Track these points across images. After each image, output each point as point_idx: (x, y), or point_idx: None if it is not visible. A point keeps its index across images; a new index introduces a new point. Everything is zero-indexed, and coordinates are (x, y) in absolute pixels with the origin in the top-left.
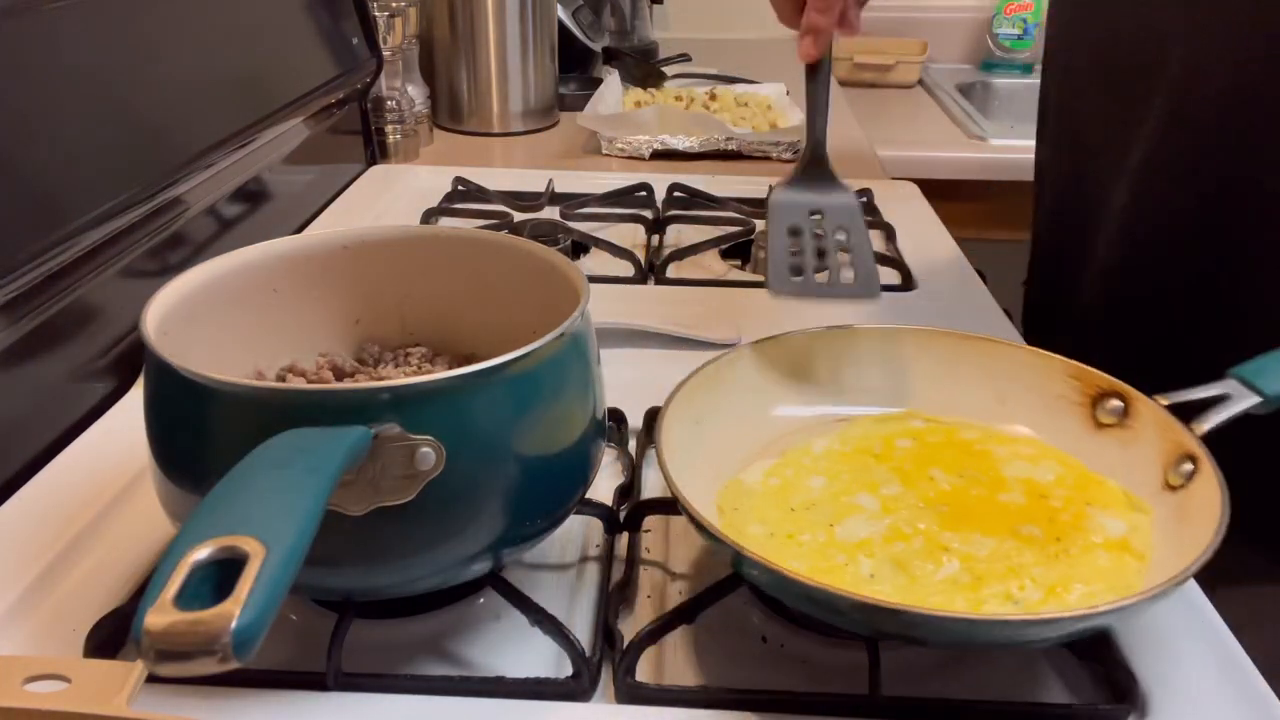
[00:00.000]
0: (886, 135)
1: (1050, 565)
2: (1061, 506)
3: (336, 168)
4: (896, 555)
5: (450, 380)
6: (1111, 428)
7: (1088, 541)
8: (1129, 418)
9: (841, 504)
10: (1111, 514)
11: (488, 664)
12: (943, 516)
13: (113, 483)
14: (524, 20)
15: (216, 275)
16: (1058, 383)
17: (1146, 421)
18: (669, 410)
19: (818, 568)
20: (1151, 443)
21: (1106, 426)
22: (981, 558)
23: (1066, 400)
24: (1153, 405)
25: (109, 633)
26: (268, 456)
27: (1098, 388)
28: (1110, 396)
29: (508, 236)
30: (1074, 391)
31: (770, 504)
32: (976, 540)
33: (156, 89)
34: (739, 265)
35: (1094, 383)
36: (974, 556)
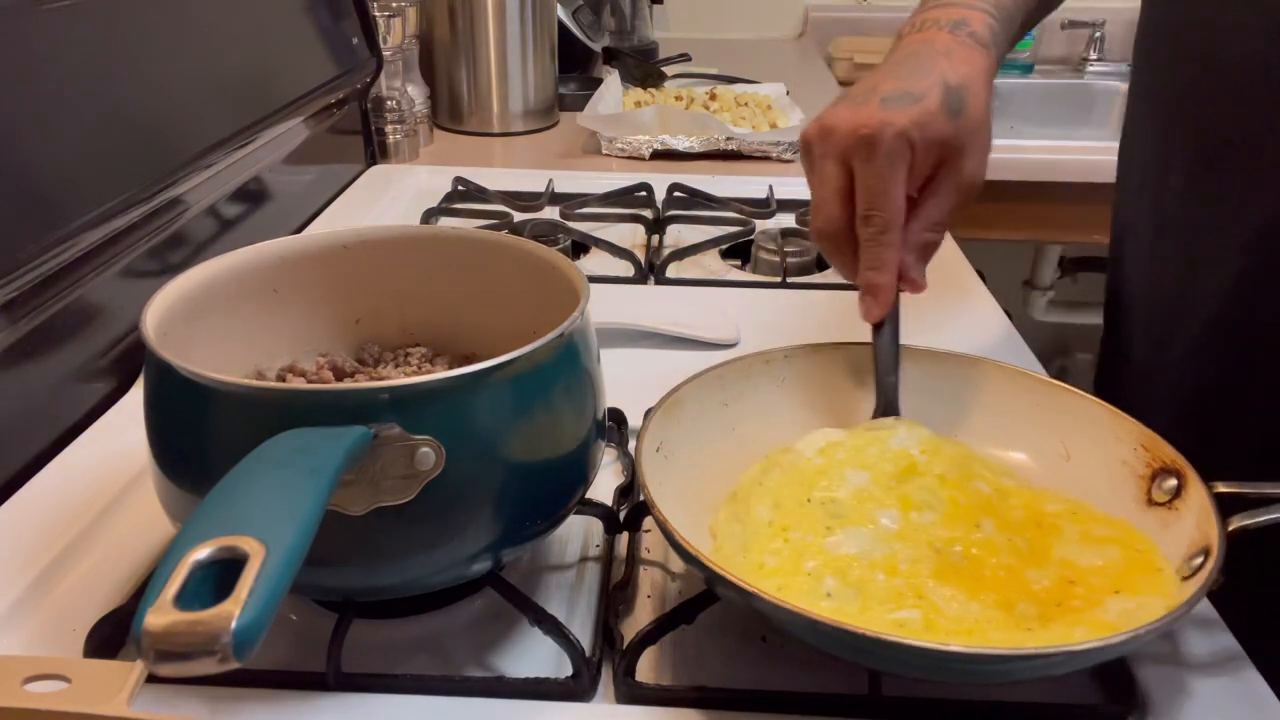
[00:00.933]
0: None
1: (1012, 633)
2: (1083, 596)
3: (336, 168)
4: (865, 584)
5: (450, 380)
6: (1160, 506)
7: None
8: (1179, 499)
9: (860, 511)
10: (1133, 597)
11: (488, 664)
12: (948, 567)
13: (113, 483)
14: (524, 20)
15: (216, 275)
16: (1126, 448)
17: (1192, 507)
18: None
19: (782, 568)
20: (1186, 531)
21: (1157, 505)
22: (948, 616)
23: (1129, 469)
24: (1203, 491)
25: (109, 633)
26: (268, 456)
27: (1162, 462)
28: (1170, 474)
29: (508, 236)
30: (1139, 462)
31: (797, 484)
32: (959, 600)
33: (156, 89)
34: (739, 265)
35: (1160, 456)
36: (940, 612)
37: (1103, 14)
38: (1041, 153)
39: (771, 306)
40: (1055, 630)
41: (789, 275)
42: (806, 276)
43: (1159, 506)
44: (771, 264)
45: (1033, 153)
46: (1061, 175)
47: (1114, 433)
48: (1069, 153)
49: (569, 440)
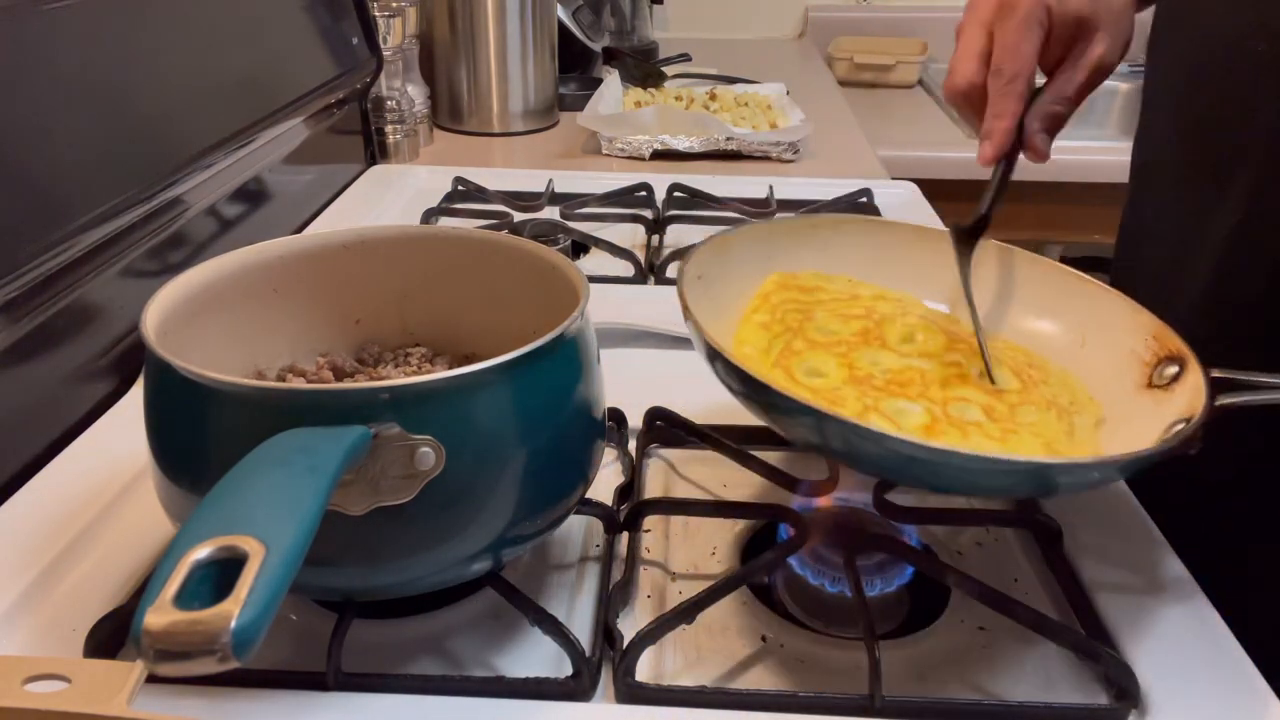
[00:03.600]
0: (886, 135)
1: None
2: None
3: (336, 168)
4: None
5: (450, 380)
6: (1158, 389)
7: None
8: (1176, 383)
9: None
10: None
11: (488, 664)
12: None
13: (113, 483)
14: (524, 20)
15: (216, 275)
16: (1138, 338)
17: (1186, 388)
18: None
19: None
20: (1175, 407)
21: (1155, 388)
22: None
23: (1135, 356)
24: (1199, 373)
25: (109, 633)
26: (268, 456)
27: (1168, 351)
28: (1172, 362)
29: (507, 236)
30: (1147, 351)
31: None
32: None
33: (156, 89)
34: None
35: (1168, 346)
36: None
37: None
38: None
39: None
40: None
41: None
42: None
43: (1156, 389)
44: None
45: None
46: (1062, 175)
47: (1130, 323)
48: (1069, 153)
49: (569, 440)
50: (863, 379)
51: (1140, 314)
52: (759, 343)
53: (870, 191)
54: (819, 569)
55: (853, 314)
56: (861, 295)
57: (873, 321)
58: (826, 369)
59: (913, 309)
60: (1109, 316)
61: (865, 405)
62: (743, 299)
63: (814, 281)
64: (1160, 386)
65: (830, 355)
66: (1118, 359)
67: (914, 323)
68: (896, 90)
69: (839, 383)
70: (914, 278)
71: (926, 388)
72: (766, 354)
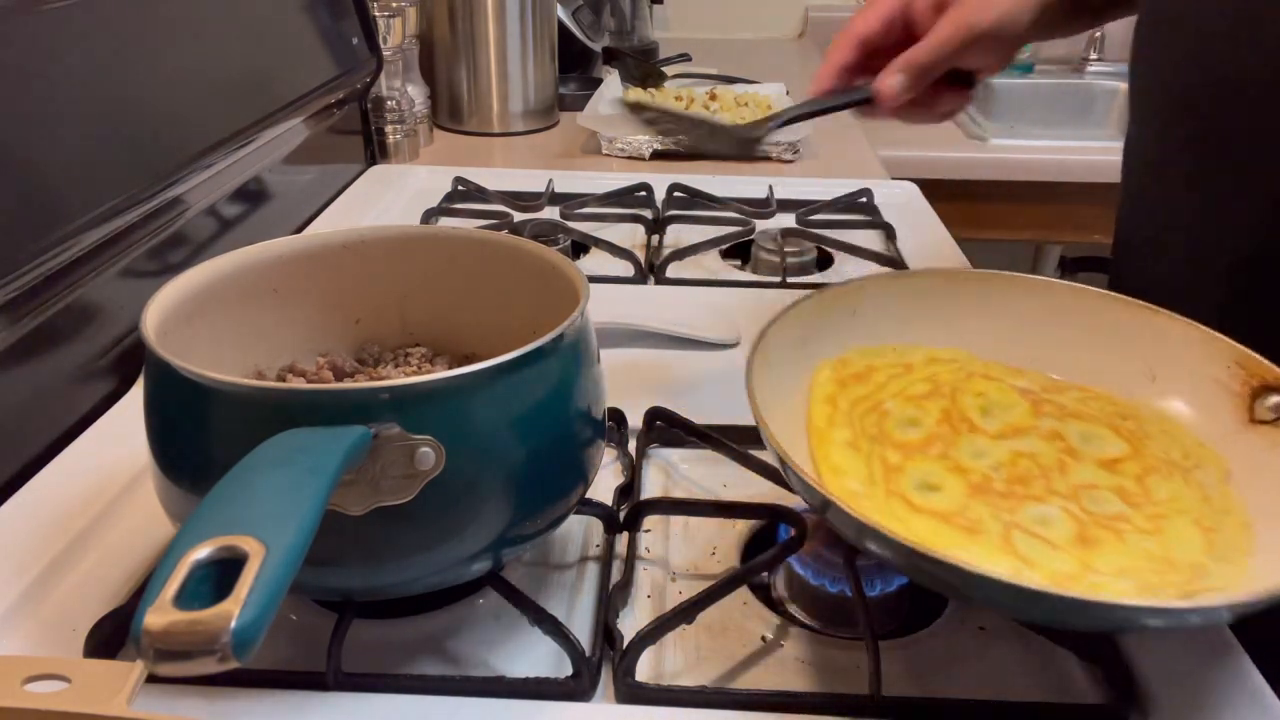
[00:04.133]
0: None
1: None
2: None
3: (336, 168)
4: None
5: (450, 380)
6: (1267, 425)
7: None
8: None
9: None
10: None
11: (488, 664)
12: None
13: (113, 483)
14: (524, 20)
15: (216, 275)
16: (1218, 367)
17: None
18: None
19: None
20: None
21: (1262, 424)
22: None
23: (1224, 387)
24: None
25: (109, 633)
26: (268, 456)
27: (1263, 380)
28: (1273, 392)
29: (507, 236)
30: (1235, 380)
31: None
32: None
33: (156, 89)
34: (739, 265)
35: (1259, 374)
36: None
37: None
38: (1041, 153)
39: (771, 306)
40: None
41: (789, 275)
42: (806, 276)
43: (1264, 425)
44: (771, 264)
45: (1033, 153)
46: (1061, 175)
47: (1204, 351)
48: (1069, 153)
49: (569, 440)
50: (982, 486)
51: (1215, 340)
52: (857, 471)
53: (870, 191)
54: (819, 569)
55: (920, 393)
56: (914, 364)
57: (945, 397)
58: (938, 480)
59: (967, 365)
60: (1176, 345)
61: (1004, 524)
62: (797, 400)
63: (863, 361)
64: (1268, 423)
65: (931, 461)
66: (1202, 393)
67: (984, 389)
68: None
69: (961, 497)
70: (947, 325)
71: (1048, 480)
72: (872, 483)
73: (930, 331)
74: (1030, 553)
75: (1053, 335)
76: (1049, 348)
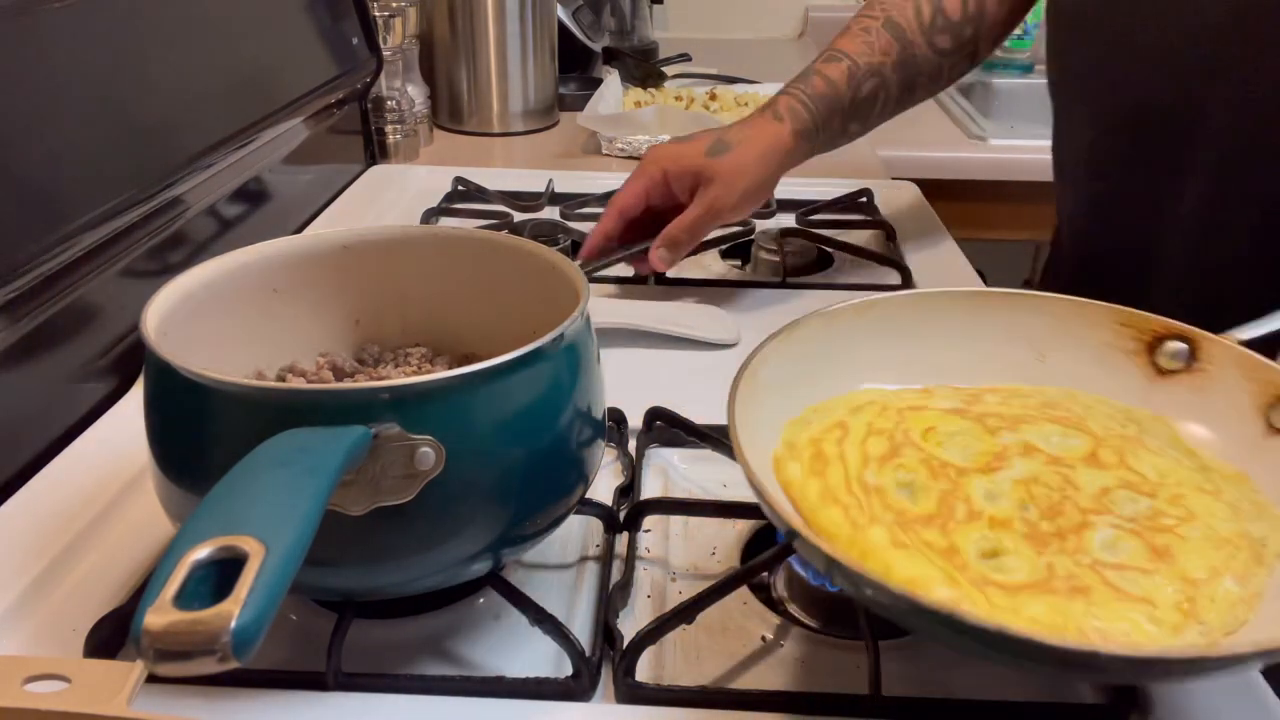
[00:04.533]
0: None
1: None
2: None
3: (336, 168)
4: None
5: (450, 380)
6: (1177, 374)
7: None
8: (1197, 360)
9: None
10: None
11: (488, 664)
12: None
13: (113, 483)
14: (524, 20)
15: (216, 275)
16: (1104, 331)
17: (1221, 362)
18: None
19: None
20: (1235, 384)
21: (1171, 373)
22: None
23: (1117, 349)
24: (1225, 344)
25: (109, 633)
26: (268, 456)
27: (1154, 332)
28: (1169, 339)
29: (507, 236)
30: (1126, 339)
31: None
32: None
33: (156, 89)
34: (739, 265)
35: (1148, 327)
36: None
37: None
38: (1041, 153)
39: (771, 306)
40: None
41: (789, 275)
42: (806, 276)
43: (1175, 374)
44: (771, 264)
45: (1033, 153)
46: None
47: (1085, 320)
48: None
49: (569, 440)
50: (1034, 534)
51: (1091, 306)
52: (927, 573)
53: (870, 191)
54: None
55: (883, 453)
56: (847, 421)
57: (910, 445)
58: (994, 544)
59: (890, 403)
60: (1056, 321)
61: (1090, 567)
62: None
63: (804, 434)
64: (1177, 371)
65: (967, 525)
66: (1101, 360)
67: (929, 423)
68: None
69: (1033, 556)
70: (844, 368)
71: (1074, 499)
72: (953, 582)
73: (833, 379)
74: (1142, 589)
75: (938, 344)
76: (940, 358)
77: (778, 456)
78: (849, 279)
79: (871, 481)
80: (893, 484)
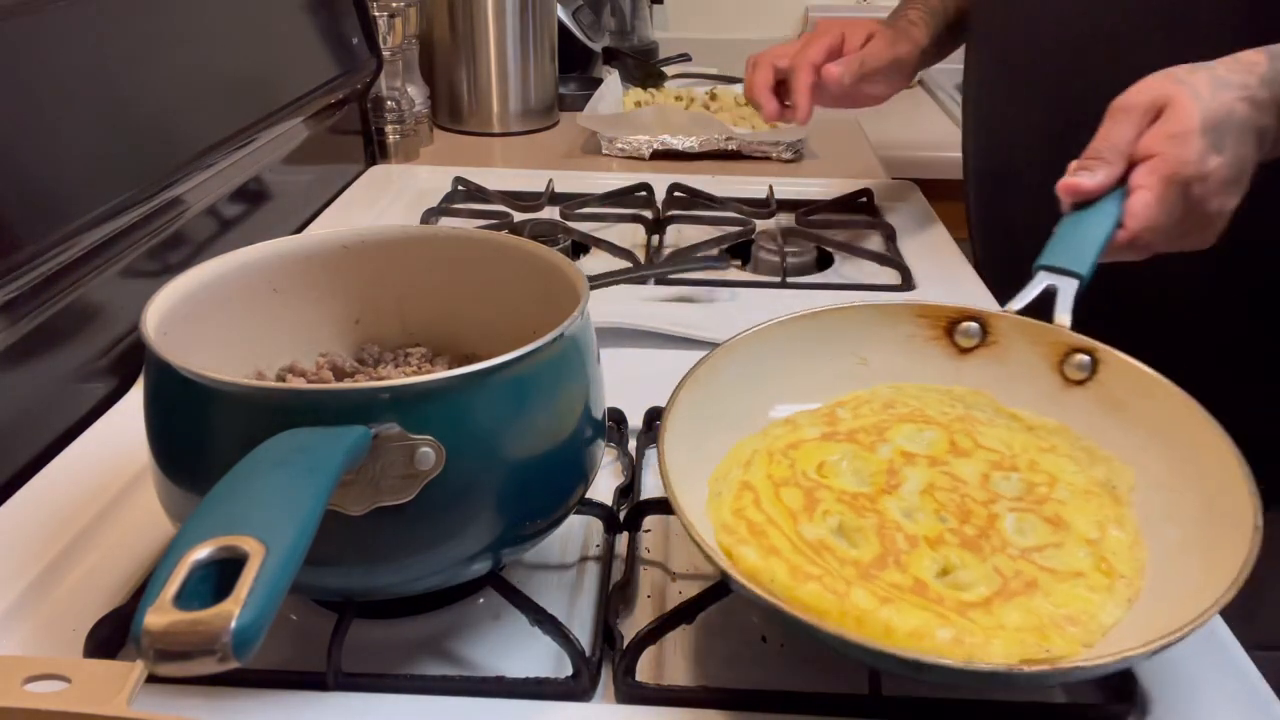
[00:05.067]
0: (886, 135)
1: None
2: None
3: (336, 168)
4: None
5: (450, 380)
6: (973, 350)
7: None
8: (989, 334)
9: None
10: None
11: (488, 664)
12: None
13: (113, 483)
14: (524, 20)
15: (216, 275)
16: (906, 326)
17: (1009, 333)
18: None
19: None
20: (1027, 349)
21: (969, 350)
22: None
23: (921, 338)
24: (1008, 317)
25: (109, 633)
26: (268, 456)
27: (947, 318)
28: (962, 321)
29: (508, 236)
30: (925, 328)
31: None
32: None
33: (156, 89)
34: (739, 265)
35: (941, 315)
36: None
37: None
38: None
39: (771, 306)
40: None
41: (789, 275)
42: (806, 276)
43: (974, 351)
44: (771, 264)
45: None
46: None
47: (887, 319)
48: None
49: (569, 440)
50: (975, 541)
51: (890, 308)
52: (924, 618)
53: (870, 191)
54: None
55: (800, 505)
56: (750, 479)
57: (813, 480)
58: (953, 562)
59: (767, 445)
60: (864, 327)
61: (1021, 556)
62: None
63: (724, 486)
64: (975, 347)
65: (916, 551)
66: (910, 353)
67: (815, 456)
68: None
69: (979, 565)
70: (729, 419)
71: (972, 494)
72: (944, 621)
73: (720, 437)
74: (1066, 565)
75: (772, 371)
76: (788, 386)
77: (724, 545)
78: (849, 279)
79: (810, 536)
80: (828, 533)
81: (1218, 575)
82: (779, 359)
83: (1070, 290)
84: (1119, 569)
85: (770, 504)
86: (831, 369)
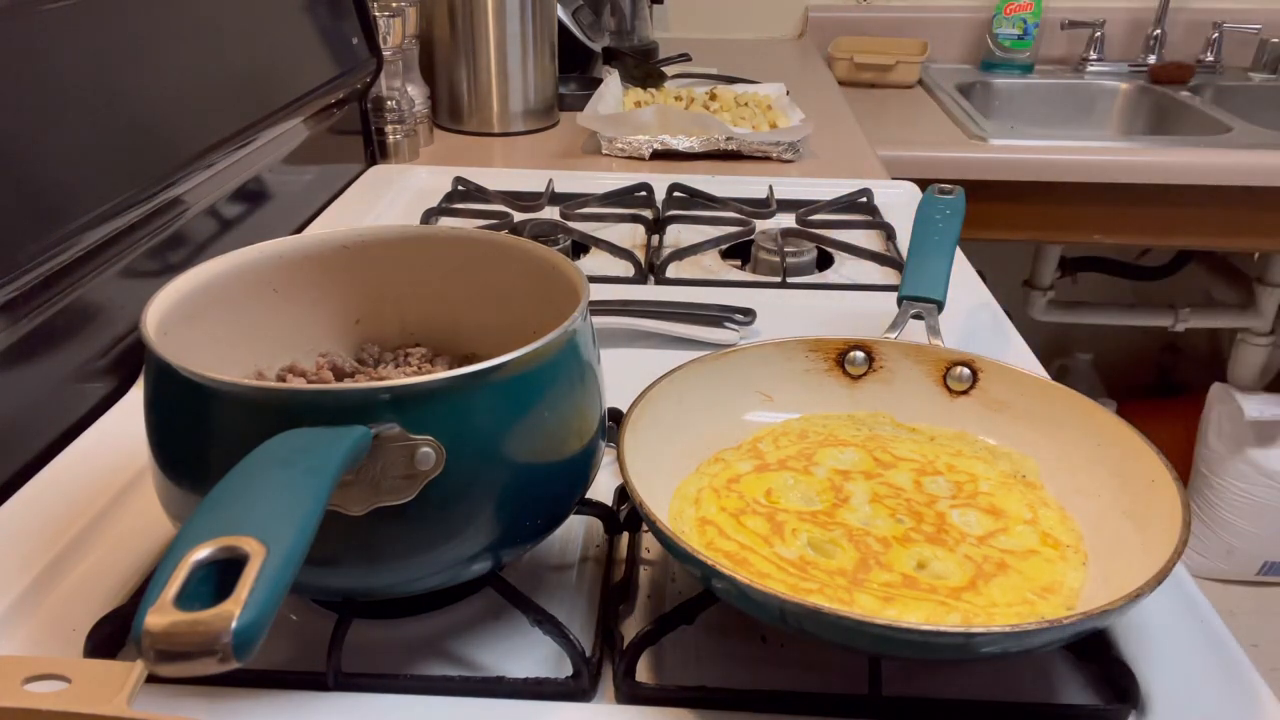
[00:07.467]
0: (886, 135)
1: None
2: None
3: (336, 168)
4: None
5: (450, 380)
6: (864, 377)
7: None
8: (875, 360)
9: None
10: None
11: (488, 664)
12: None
13: (113, 483)
14: (524, 20)
15: (216, 275)
16: (801, 361)
17: (893, 356)
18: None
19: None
20: (910, 369)
21: (859, 377)
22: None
23: (815, 371)
24: (889, 342)
25: (109, 633)
26: (268, 456)
27: (836, 350)
28: (849, 350)
29: (508, 236)
30: (818, 361)
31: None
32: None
33: (156, 89)
34: (739, 265)
35: (830, 346)
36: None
37: (1103, 14)
38: (1041, 153)
39: (771, 306)
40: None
41: (789, 275)
42: (806, 276)
43: (863, 378)
44: (771, 264)
45: (1033, 153)
46: (1061, 175)
47: (785, 356)
48: (1069, 153)
49: (569, 440)
50: (936, 536)
51: (784, 344)
52: (928, 607)
53: (870, 191)
54: None
55: (766, 530)
56: (706, 515)
57: (774, 501)
58: (926, 557)
59: (711, 481)
60: (763, 364)
61: (983, 540)
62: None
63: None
64: (863, 375)
65: (889, 547)
66: (809, 386)
67: (763, 485)
68: (896, 90)
69: (951, 558)
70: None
71: (916, 497)
72: (945, 605)
73: (664, 477)
74: (1024, 544)
75: (690, 410)
76: (700, 425)
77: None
78: (849, 279)
79: (789, 555)
80: (804, 550)
81: (1158, 525)
82: (696, 399)
83: (934, 313)
84: (1063, 540)
85: (737, 533)
86: (744, 406)
